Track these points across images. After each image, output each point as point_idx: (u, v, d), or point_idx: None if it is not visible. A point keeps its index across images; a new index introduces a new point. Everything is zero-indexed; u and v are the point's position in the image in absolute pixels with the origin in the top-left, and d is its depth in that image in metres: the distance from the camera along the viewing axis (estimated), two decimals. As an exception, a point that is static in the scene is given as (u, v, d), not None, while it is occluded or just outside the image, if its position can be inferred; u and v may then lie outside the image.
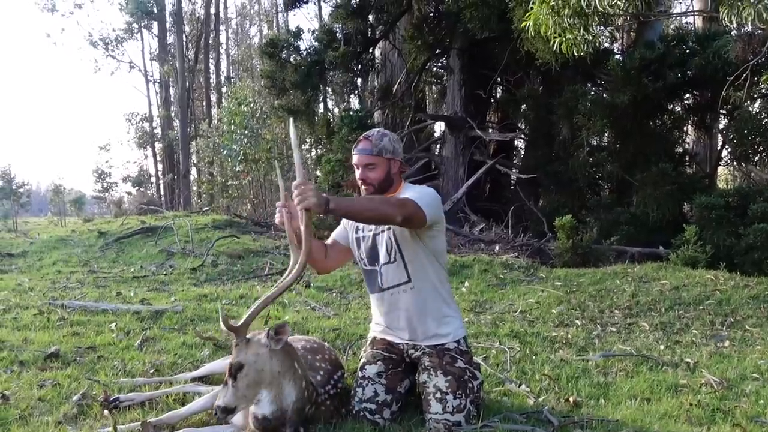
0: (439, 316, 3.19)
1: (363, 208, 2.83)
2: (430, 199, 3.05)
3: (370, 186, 3.16)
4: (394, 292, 3.19)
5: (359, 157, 3.17)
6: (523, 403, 3.40)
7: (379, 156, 3.15)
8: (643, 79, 10.03)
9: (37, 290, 7.04)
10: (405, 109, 14.68)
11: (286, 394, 2.74)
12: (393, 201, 2.90)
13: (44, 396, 3.32)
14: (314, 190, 2.60)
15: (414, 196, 2.98)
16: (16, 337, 4.56)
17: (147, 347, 4.50)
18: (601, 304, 6.39)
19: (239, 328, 2.75)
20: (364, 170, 3.16)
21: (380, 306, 3.29)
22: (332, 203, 2.66)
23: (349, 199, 2.81)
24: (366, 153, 3.15)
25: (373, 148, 3.15)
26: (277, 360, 2.73)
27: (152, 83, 32.85)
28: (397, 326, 3.24)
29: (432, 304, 3.18)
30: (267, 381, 2.72)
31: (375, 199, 2.88)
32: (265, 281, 7.97)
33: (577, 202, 11.39)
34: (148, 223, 13.89)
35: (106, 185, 27.11)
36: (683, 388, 3.68)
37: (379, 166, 3.15)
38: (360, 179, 3.19)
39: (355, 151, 3.20)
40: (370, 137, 3.18)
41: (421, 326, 3.18)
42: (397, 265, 3.16)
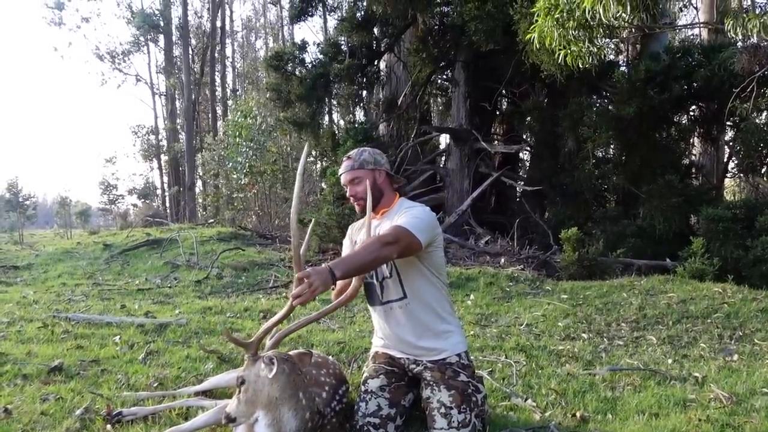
0: (438, 332, 3.17)
1: (363, 260, 2.77)
2: (422, 223, 3.00)
3: (361, 200, 3.22)
4: (393, 306, 3.17)
5: (344, 176, 3.27)
6: (529, 418, 3.36)
7: (361, 169, 3.23)
8: (649, 91, 10.03)
9: (42, 303, 7.03)
10: (410, 122, 14.72)
11: (285, 422, 2.66)
12: (387, 239, 2.83)
13: (47, 410, 3.30)
14: (318, 276, 2.55)
15: (406, 222, 2.95)
16: (20, 350, 4.55)
17: (151, 360, 4.48)
18: (607, 317, 6.35)
19: (249, 344, 2.76)
20: (351, 187, 3.24)
21: (379, 320, 3.28)
22: (337, 273, 2.62)
23: (349, 258, 2.79)
24: (349, 169, 3.25)
25: (354, 163, 3.25)
26: (276, 386, 2.67)
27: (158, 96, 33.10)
28: (397, 341, 3.22)
29: (429, 320, 3.16)
30: (263, 403, 2.66)
31: (369, 246, 2.81)
32: (270, 294, 7.95)
33: (583, 215, 11.35)
34: (154, 235, 13.89)
35: (112, 197, 27.21)
36: (692, 403, 3.63)
37: (364, 179, 3.21)
38: (351, 196, 3.26)
39: (340, 171, 3.32)
40: (350, 156, 3.30)
41: (419, 341, 3.16)
42: (394, 281, 3.15)
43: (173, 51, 29.84)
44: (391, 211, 3.26)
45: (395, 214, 3.19)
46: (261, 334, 2.77)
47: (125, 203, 28.84)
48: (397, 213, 3.18)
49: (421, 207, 3.20)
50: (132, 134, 32.57)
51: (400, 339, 3.20)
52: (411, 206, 3.22)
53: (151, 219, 20.65)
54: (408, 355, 3.21)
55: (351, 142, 12.52)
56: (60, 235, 20.28)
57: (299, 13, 14.66)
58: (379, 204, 3.25)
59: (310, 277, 2.54)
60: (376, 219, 3.28)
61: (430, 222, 3.09)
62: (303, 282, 2.54)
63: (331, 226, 11.13)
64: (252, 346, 2.75)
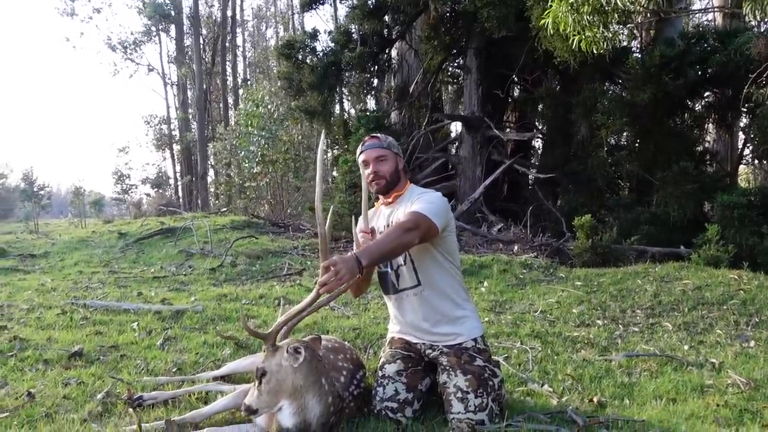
0: (453, 318, 3.18)
1: (388, 247, 2.78)
2: (437, 207, 3.02)
3: (382, 179, 3.20)
4: (408, 294, 3.19)
5: (369, 152, 3.23)
6: (546, 403, 3.36)
7: (388, 150, 3.24)
8: (664, 76, 9.93)
9: (60, 290, 7.12)
10: (422, 109, 14.67)
11: (310, 408, 2.70)
12: (408, 225, 2.85)
13: (69, 394, 3.35)
14: (344, 264, 2.55)
15: (422, 207, 2.96)
16: (41, 336, 4.61)
17: (169, 346, 4.53)
18: (622, 304, 6.33)
19: (268, 336, 2.75)
20: (375, 163, 3.21)
21: (395, 308, 3.29)
22: (364, 261, 2.62)
23: (374, 246, 2.78)
24: (376, 147, 3.23)
25: (382, 142, 3.26)
26: (300, 374, 2.70)
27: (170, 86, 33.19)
28: (412, 327, 3.24)
29: (443, 306, 3.17)
30: (288, 392, 2.69)
31: (392, 233, 2.83)
32: (284, 281, 7.98)
33: (596, 202, 11.29)
34: (167, 224, 13.98)
35: (125, 187, 27.37)
36: (709, 389, 3.62)
37: (390, 159, 3.23)
38: (372, 173, 3.21)
39: (364, 147, 3.27)
40: (375, 135, 3.33)
41: (434, 328, 3.17)
42: (408, 269, 3.17)
43: (184, 41, 29.89)
44: (404, 196, 3.26)
45: (408, 199, 3.19)
46: (280, 325, 2.77)
47: (138, 193, 29.05)
48: (409, 199, 3.19)
49: (433, 192, 3.20)
50: (144, 124, 32.80)
51: (416, 326, 3.21)
52: (423, 192, 3.23)
53: (165, 208, 20.76)
54: (424, 341, 3.22)
55: (363, 130, 12.50)
56: (74, 225, 20.42)
57: (310, 2, 14.65)
58: (393, 189, 3.26)
59: (336, 265, 2.53)
60: (389, 204, 3.29)
61: (444, 206, 3.10)
62: (329, 270, 2.54)
63: (343, 214, 11.14)
64: (271, 337, 2.76)
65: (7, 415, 3.01)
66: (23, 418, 2.98)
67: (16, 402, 3.20)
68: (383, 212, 3.35)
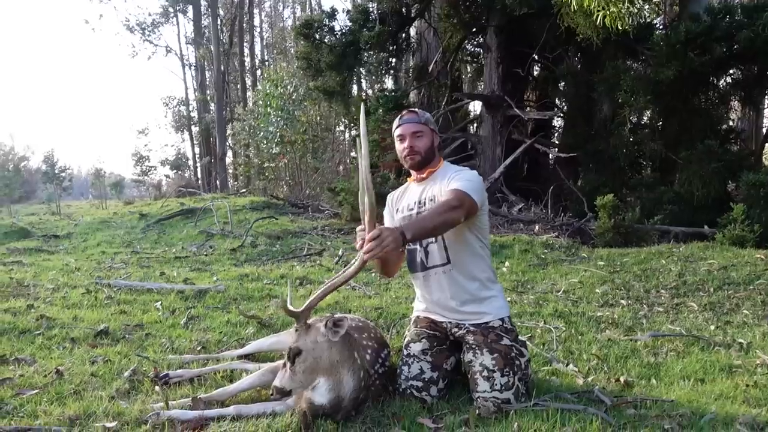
0: (481, 298, 3.15)
1: (432, 223, 2.77)
2: (476, 185, 3.00)
3: (417, 155, 3.16)
4: (436, 272, 3.16)
5: (407, 126, 3.18)
6: (572, 382, 3.33)
7: (425, 125, 3.20)
8: (689, 53, 9.74)
9: (84, 270, 7.20)
10: (441, 89, 14.56)
11: (345, 383, 2.70)
12: (453, 203, 2.82)
13: (96, 372, 3.38)
14: (390, 234, 2.57)
15: (462, 185, 2.93)
16: (67, 315, 4.67)
17: (193, 325, 4.56)
18: (646, 284, 6.26)
19: (300, 314, 2.73)
20: (411, 138, 3.17)
21: (421, 286, 3.26)
22: (408, 235, 2.62)
23: (419, 221, 2.80)
24: (414, 122, 3.19)
25: (419, 117, 3.21)
26: (336, 350, 2.70)
27: (188, 67, 33.27)
28: (438, 305, 3.21)
29: (471, 285, 3.14)
30: (324, 369, 2.69)
31: (438, 210, 2.81)
32: (304, 261, 8.00)
33: (618, 181, 11.17)
34: (187, 205, 14.08)
35: (144, 169, 27.54)
36: (738, 369, 3.57)
37: (426, 135, 3.19)
38: (408, 147, 3.16)
39: (401, 121, 3.22)
40: (413, 110, 3.26)
41: (462, 307, 3.14)
42: (438, 246, 3.13)
43: (202, 21, 29.85)
44: (437, 173, 3.22)
45: (442, 177, 3.15)
46: (311, 304, 2.75)
47: (158, 174, 29.22)
48: (444, 176, 3.15)
49: (469, 170, 3.16)
50: (163, 106, 32.92)
51: (443, 305, 3.19)
52: (459, 170, 3.18)
53: (184, 189, 20.90)
54: (450, 319, 3.20)
55: (382, 110, 12.46)
56: (95, 206, 20.66)
57: (328, -20, 14.50)
58: (428, 166, 3.22)
59: (382, 233, 2.56)
60: (421, 181, 3.26)
61: (481, 184, 3.08)
62: (374, 240, 2.56)
63: (362, 195, 11.11)
64: (304, 315, 2.74)
65: (36, 392, 3.04)
66: (53, 395, 3.01)
67: (45, 379, 3.23)
68: (413, 189, 3.31)
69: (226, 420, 2.71)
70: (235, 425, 2.65)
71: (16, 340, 4.02)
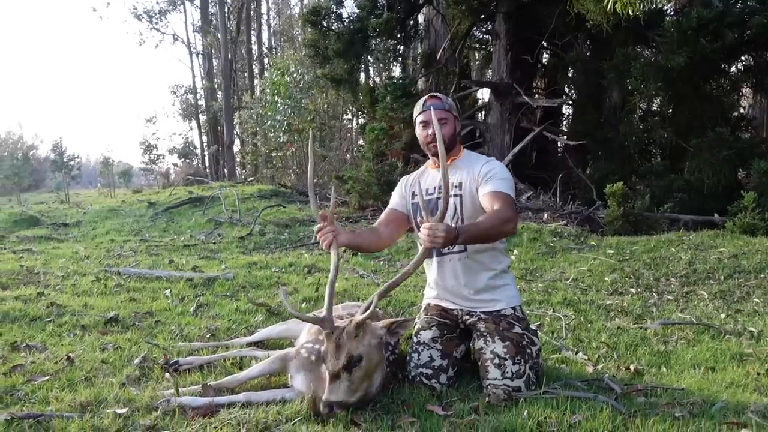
0: (494, 286, 3.14)
1: (487, 233, 2.81)
2: (509, 182, 3.03)
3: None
4: (452, 258, 3.15)
5: (431, 113, 3.08)
6: (581, 370, 3.32)
7: (449, 112, 3.16)
8: (700, 39, 9.63)
9: (93, 258, 7.23)
10: (449, 76, 14.47)
11: (375, 384, 2.71)
12: (507, 216, 2.83)
13: (107, 358, 3.39)
14: (445, 232, 2.60)
15: (503, 187, 2.95)
16: (77, 303, 4.69)
17: (202, 313, 4.57)
18: (656, 272, 6.23)
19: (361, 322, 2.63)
20: None
21: (435, 271, 3.25)
22: (462, 237, 2.68)
23: (474, 226, 2.80)
24: (439, 107, 3.13)
25: (444, 103, 3.16)
26: (381, 350, 2.72)
27: (195, 55, 33.17)
28: (451, 292, 3.20)
29: (486, 274, 3.13)
30: (374, 371, 2.68)
31: (494, 222, 2.81)
32: (312, 249, 8.01)
33: (628, 169, 11.11)
34: (195, 193, 14.10)
35: (153, 157, 27.59)
36: (749, 357, 3.55)
37: (450, 123, 3.15)
38: (432, 135, 3.10)
39: (425, 107, 3.16)
40: (437, 95, 3.19)
41: (474, 294, 3.14)
42: None
43: (209, 9, 29.75)
44: (459, 160, 3.20)
45: (467, 166, 3.13)
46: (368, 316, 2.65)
47: (166, 163, 29.27)
48: (469, 165, 3.13)
49: (497, 164, 3.12)
50: (171, 94, 32.91)
51: (456, 292, 3.18)
52: (487, 161, 3.14)
53: (192, 178, 20.93)
54: (462, 307, 3.19)
55: (390, 97, 12.41)
56: (104, 194, 20.72)
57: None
58: (449, 153, 3.16)
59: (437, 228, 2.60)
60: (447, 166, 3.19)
61: (512, 180, 3.09)
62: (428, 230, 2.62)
63: (370, 183, 11.11)
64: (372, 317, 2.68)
65: (48, 378, 3.06)
66: (64, 382, 3.03)
67: (56, 366, 3.25)
68: (432, 174, 3.27)
69: (236, 407, 2.72)
70: (245, 412, 2.65)
71: (27, 327, 4.05)
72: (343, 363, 2.54)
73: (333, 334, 2.59)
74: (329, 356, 2.57)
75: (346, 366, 2.55)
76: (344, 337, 2.58)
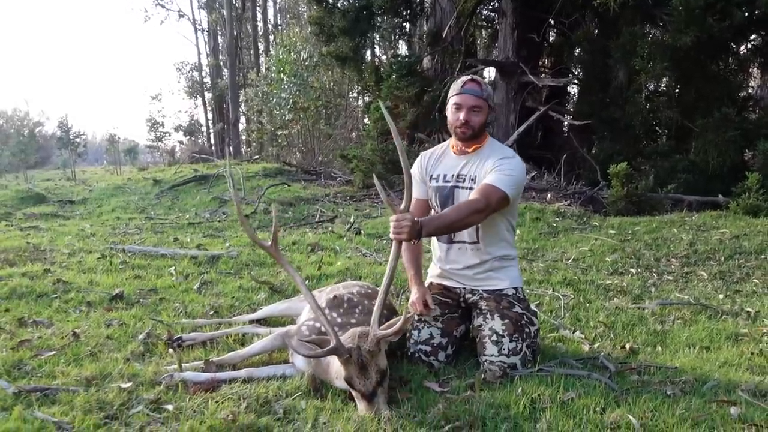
0: (498, 267, 3.21)
1: (451, 222, 2.82)
2: (514, 180, 2.97)
3: (470, 129, 3.07)
4: (464, 247, 3.19)
5: (467, 97, 3.05)
6: (577, 349, 3.38)
7: (486, 101, 3.08)
8: (708, 18, 9.50)
9: (99, 235, 7.30)
10: (455, 55, 14.34)
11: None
12: (478, 206, 2.83)
13: (112, 334, 3.47)
14: (410, 225, 2.61)
15: (499, 179, 2.91)
16: (82, 279, 4.76)
17: (205, 290, 4.64)
18: (657, 252, 6.26)
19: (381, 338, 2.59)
20: (468, 112, 3.05)
21: (443, 253, 3.29)
22: (425, 231, 2.69)
23: (438, 219, 2.84)
24: (476, 94, 3.06)
25: (483, 91, 3.07)
26: None
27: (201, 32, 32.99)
28: (456, 273, 3.26)
29: (495, 261, 3.20)
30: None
31: (462, 212, 2.82)
32: (316, 228, 8.06)
33: (633, 149, 11.05)
34: (201, 171, 14.15)
35: (158, 135, 27.58)
36: (744, 338, 3.59)
37: (483, 111, 3.07)
38: (464, 121, 3.05)
39: (462, 90, 3.07)
40: (477, 80, 3.10)
41: (480, 276, 3.21)
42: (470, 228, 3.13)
43: (214, -15, 29.54)
44: (483, 150, 3.16)
45: (487, 156, 3.11)
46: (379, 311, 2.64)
47: (171, 140, 29.25)
48: (489, 156, 3.10)
49: (513, 159, 3.08)
50: (176, 71, 32.82)
51: (461, 274, 3.25)
52: (503, 155, 3.09)
53: (197, 155, 20.98)
54: (464, 285, 3.24)
55: (395, 76, 12.36)
56: (110, 172, 20.81)
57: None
58: (475, 141, 3.14)
59: (404, 221, 2.63)
60: (464, 154, 3.18)
61: (521, 177, 3.06)
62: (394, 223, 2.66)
63: (374, 162, 11.13)
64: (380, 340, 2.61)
65: (54, 353, 3.13)
66: (70, 357, 3.10)
67: (62, 341, 3.32)
68: (451, 157, 3.23)
69: (238, 382, 2.79)
70: (246, 387, 2.72)
71: (33, 303, 4.13)
72: (377, 381, 2.51)
73: (351, 356, 2.51)
74: (355, 379, 2.50)
75: (380, 382, 2.52)
76: (367, 356, 2.52)
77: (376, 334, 2.57)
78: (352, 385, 2.52)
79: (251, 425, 2.37)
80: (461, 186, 3.13)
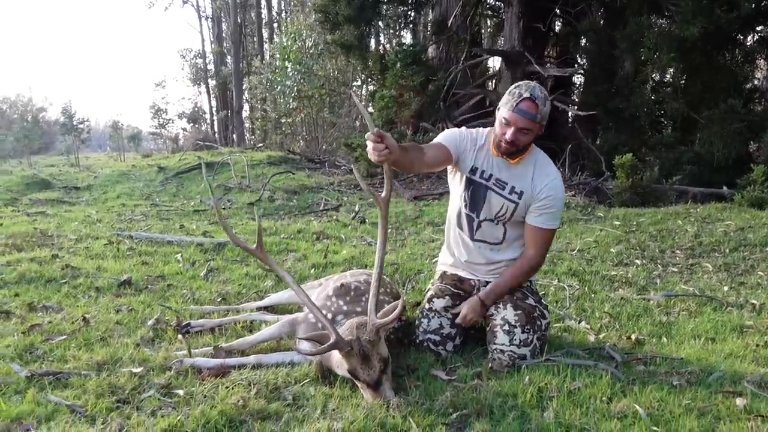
0: (513, 258, 3.22)
1: (510, 288, 3.14)
2: (560, 212, 3.12)
3: (514, 148, 2.97)
4: (482, 245, 3.21)
5: (519, 118, 2.88)
6: (583, 339, 3.40)
7: (539, 123, 2.93)
8: (716, 9, 9.47)
9: (105, 222, 7.32)
10: (460, 44, 14.31)
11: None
12: (534, 264, 3.13)
13: (121, 320, 3.50)
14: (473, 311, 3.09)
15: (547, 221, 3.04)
16: (90, 265, 4.78)
17: (212, 277, 4.66)
18: (662, 244, 6.27)
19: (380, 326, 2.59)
20: (517, 133, 2.91)
21: (461, 245, 3.29)
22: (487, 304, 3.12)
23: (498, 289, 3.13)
24: (530, 117, 2.88)
25: (538, 113, 2.88)
26: None
27: (205, 19, 32.88)
28: (470, 266, 3.28)
29: (510, 262, 3.21)
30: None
31: (517, 278, 3.13)
32: (320, 216, 8.08)
33: (638, 141, 11.05)
34: (205, 158, 14.15)
35: (162, 122, 27.56)
36: (749, 329, 3.61)
37: (533, 133, 2.95)
38: (510, 141, 2.92)
39: (516, 110, 2.88)
40: (536, 99, 2.86)
41: (498, 271, 3.23)
42: (498, 228, 3.15)
43: (218, -29, 29.39)
44: (527, 160, 3.07)
45: (531, 168, 3.06)
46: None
47: (175, 127, 29.23)
48: (534, 171, 3.05)
49: (559, 187, 3.05)
50: (180, 58, 32.73)
51: (477, 268, 3.27)
52: (551, 180, 3.03)
53: (201, 143, 20.96)
54: (479, 277, 3.26)
55: (400, 65, 12.33)
56: (113, 158, 20.79)
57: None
58: (519, 153, 3.05)
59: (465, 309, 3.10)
60: (511, 163, 3.09)
61: (562, 201, 3.13)
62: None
63: (379, 151, 11.10)
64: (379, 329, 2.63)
65: (65, 338, 3.16)
66: (80, 342, 3.13)
67: (72, 326, 3.35)
68: (490, 156, 3.13)
69: (247, 368, 2.81)
70: (255, 373, 2.75)
71: (42, 289, 4.15)
72: (380, 369, 2.52)
73: (352, 349, 2.51)
74: (359, 370, 2.50)
75: (384, 370, 2.54)
76: (368, 346, 2.52)
77: (374, 322, 2.57)
78: (356, 376, 2.53)
79: (261, 410, 2.40)
80: (497, 191, 3.08)
